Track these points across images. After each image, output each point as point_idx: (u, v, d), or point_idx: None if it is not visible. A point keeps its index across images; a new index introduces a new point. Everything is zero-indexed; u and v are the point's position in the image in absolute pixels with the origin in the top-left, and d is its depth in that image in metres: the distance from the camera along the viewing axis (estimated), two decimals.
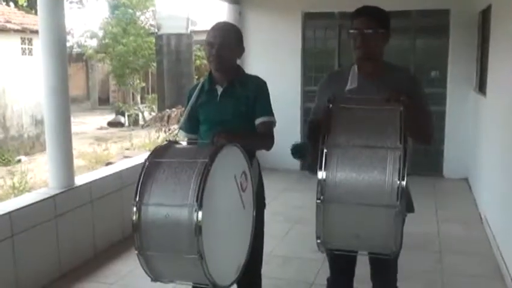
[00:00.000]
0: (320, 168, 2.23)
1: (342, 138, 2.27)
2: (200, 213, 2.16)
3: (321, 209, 2.23)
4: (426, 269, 4.73)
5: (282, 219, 6.03)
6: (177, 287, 3.90)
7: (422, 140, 2.80)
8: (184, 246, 2.21)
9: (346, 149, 2.25)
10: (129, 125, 21.21)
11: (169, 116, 14.42)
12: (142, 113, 21.70)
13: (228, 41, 2.91)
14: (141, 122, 20.93)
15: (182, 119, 3.06)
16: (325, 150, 2.25)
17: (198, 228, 2.16)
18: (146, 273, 2.38)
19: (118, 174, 5.32)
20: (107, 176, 5.28)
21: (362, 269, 2.99)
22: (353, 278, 3.01)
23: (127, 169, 5.41)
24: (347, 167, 2.22)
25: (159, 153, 2.45)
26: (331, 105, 2.40)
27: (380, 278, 2.95)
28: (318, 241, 2.33)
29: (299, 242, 5.44)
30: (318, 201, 2.23)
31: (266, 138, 3.00)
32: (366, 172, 2.19)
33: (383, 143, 2.21)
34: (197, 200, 2.17)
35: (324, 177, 2.22)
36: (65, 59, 4.68)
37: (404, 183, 2.14)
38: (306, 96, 8.59)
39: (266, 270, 3.43)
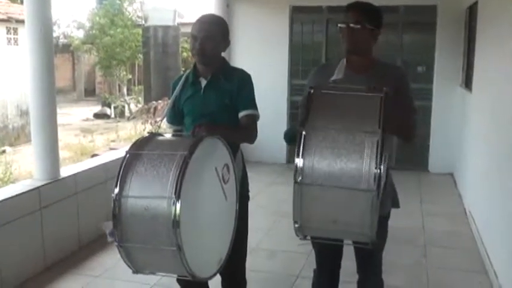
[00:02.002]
0: (298, 152, 2.22)
1: (321, 122, 2.26)
2: (178, 206, 2.16)
3: (298, 192, 2.22)
4: (411, 263, 4.77)
5: (268, 212, 6.04)
6: (163, 279, 3.92)
7: (403, 138, 2.83)
8: (162, 239, 2.21)
9: (325, 132, 2.23)
10: (115, 116, 21.09)
11: (155, 108, 14.39)
12: (128, 104, 21.59)
13: (212, 34, 2.89)
14: (127, 113, 20.82)
15: (166, 110, 3.05)
16: (303, 133, 2.23)
17: (176, 221, 2.16)
18: (127, 265, 2.39)
19: (104, 166, 5.30)
20: (92, 167, 5.26)
21: (350, 262, 3.01)
22: (339, 270, 3.04)
23: (112, 161, 5.38)
24: (325, 150, 2.20)
25: (140, 145, 2.44)
26: (312, 91, 2.40)
27: (365, 269, 2.98)
28: (296, 225, 2.31)
29: (285, 235, 5.41)
30: (295, 183, 2.20)
31: (249, 132, 2.99)
32: (344, 156, 2.17)
33: (361, 127, 2.20)
34: (175, 193, 2.17)
35: (301, 160, 2.20)
36: (51, 49, 4.64)
37: (382, 167, 2.12)
38: (293, 89, 8.60)
39: (252, 263, 3.44)
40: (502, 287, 3.98)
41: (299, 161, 2.21)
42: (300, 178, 2.20)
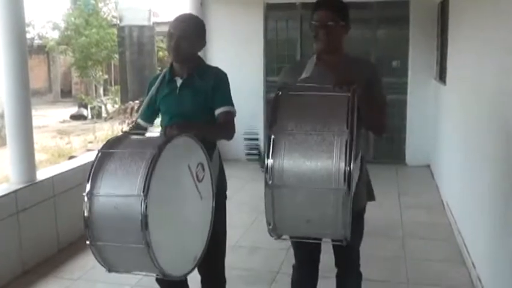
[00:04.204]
0: (268, 154, 2.24)
1: (290, 124, 2.28)
2: (146, 204, 2.17)
3: (269, 194, 2.25)
4: (390, 255, 4.82)
5: (247, 210, 6.04)
6: (143, 280, 3.91)
7: (375, 130, 2.86)
8: (131, 237, 2.22)
9: (294, 134, 2.25)
10: (92, 117, 20.85)
11: (132, 108, 14.31)
12: (105, 105, 21.40)
13: (187, 33, 2.90)
14: (104, 114, 20.62)
15: (141, 108, 3.06)
16: (272, 137, 2.25)
17: (144, 219, 2.17)
18: (100, 263, 2.40)
19: (81, 168, 5.25)
20: (69, 170, 5.21)
21: (329, 256, 3.03)
22: (318, 264, 3.06)
23: (90, 163, 5.31)
24: (294, 152, 2.22)
25: (112, 144, 2.47)
26: (280, 93, 2.42)
27: (343, 263, 3.02)
28: (270, 227, 2.34)
29: (264, 231, 5.39)
30: (266, 186, 2.24)
31: (226, 128, 3.00)
32: (313, 157, 2.19)
33: (330, 128, 2.22)
34: (143, 191, 2.18)
35: (271, 163, 2.23)
36: (26, 50, 4.59)
37: (351, 166, 2.14)
38: (268, 86, 8.61)
39: (231, 260, 3.45)
40: (480, 277, 4.05)
41: (269, 163, 2.23)
42: (270, 181, 2.23)
